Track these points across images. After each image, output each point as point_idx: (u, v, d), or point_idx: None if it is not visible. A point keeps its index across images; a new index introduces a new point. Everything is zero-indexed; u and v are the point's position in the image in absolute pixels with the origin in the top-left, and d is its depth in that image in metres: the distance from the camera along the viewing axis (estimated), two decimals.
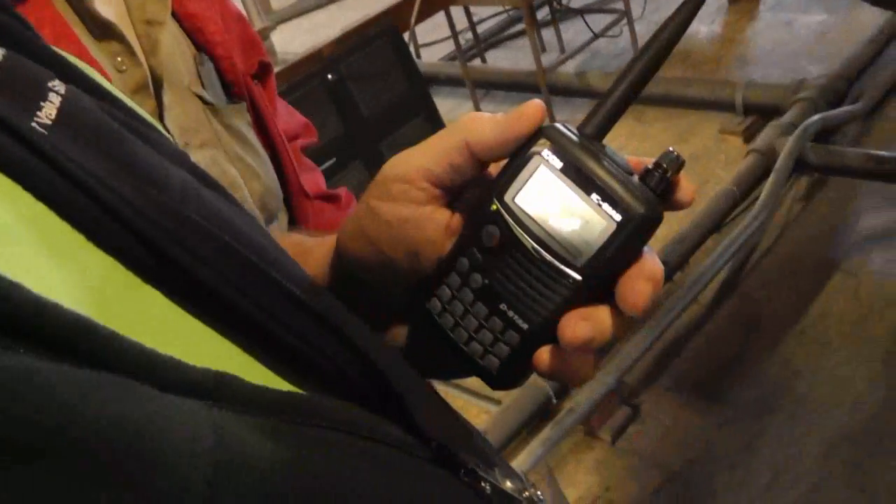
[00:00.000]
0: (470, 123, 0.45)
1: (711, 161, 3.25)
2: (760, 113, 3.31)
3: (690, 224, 2.70)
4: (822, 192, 2.90)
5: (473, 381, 1.80)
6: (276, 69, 2.63)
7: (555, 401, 2.28)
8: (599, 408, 2.28)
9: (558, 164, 0.43)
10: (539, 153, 0.43)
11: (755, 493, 2.04)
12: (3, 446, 0.22)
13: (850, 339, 2.36)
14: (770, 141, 2.96)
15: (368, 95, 2.87)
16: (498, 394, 2.36)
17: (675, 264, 2.61)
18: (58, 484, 0.23)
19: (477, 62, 4.44)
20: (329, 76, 2.76)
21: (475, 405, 2.44)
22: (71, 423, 0.23)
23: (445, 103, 3.95)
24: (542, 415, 2.29)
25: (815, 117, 2.96)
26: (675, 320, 2.46)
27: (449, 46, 4.49)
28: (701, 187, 3.01)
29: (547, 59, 3.95)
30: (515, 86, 4.09)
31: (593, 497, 2.16)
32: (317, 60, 2.74)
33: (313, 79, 2.72)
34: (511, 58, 4.54)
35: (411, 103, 3.02)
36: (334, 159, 2.70)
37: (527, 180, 0.43)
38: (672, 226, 2.74)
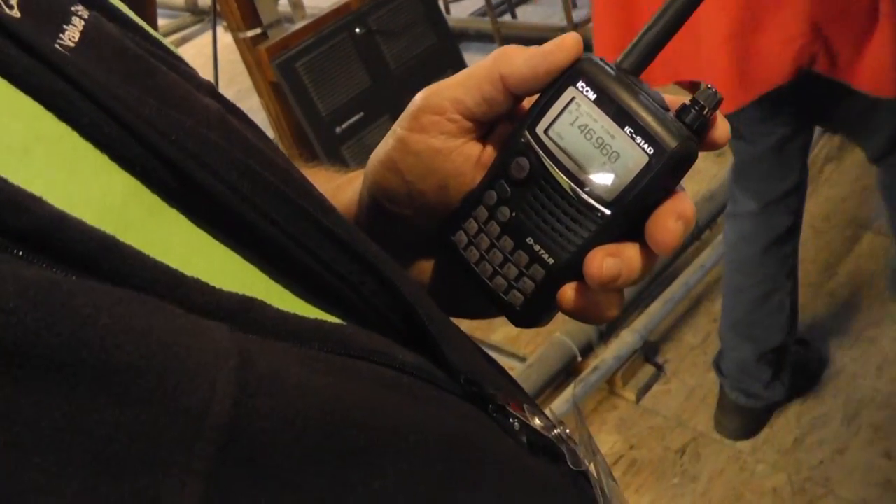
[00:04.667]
0: (505, 56, 0.44)
1: None
2: None
3: (720, 182, 2.67)
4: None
5: (498, 337, 1.81)
6: (304, 22, 2.63)
7: (579, 358, 2.28)
8: (624, 366, 2.28)
9: (592, 95, 0.42)
10: (573, 85, 0.42)
11: (779, 454, 2.03)
12: (22, 357, 0.22)
13: (878, 300, 2.33)
14: None
15: (397, 50, 2.85)
16: (522, 351, 2.37)
17: (703, 223, 2.58)
18: (77, 397, 0.23)
19: (507, 17, 4.39)
20: (357, 30, 2.74)
21: (499, 361, 2.44)
22: (92, 335, 0.23)
23: (475, 59, 3.90)
24: (566, 372, 2.29)
25: None
26: (702, 279, 2.44)
27: (479, 2, 4.45)
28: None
29: (578, 15, 3.90)
30: (545, 41, 4.03)
31: (617, 455, 2.16)
32: (345, 14, 2.72)
33: (341, 32, 2.70)
34: (542, 13, 4.49)
35: (440, 58, 2.99)
36: (362, 114, 2.69)
37: (559, 112, 0.43)
38: (701, 184, 2.71)
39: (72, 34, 0.34)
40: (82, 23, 0.35)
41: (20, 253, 0.24)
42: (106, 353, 0.23)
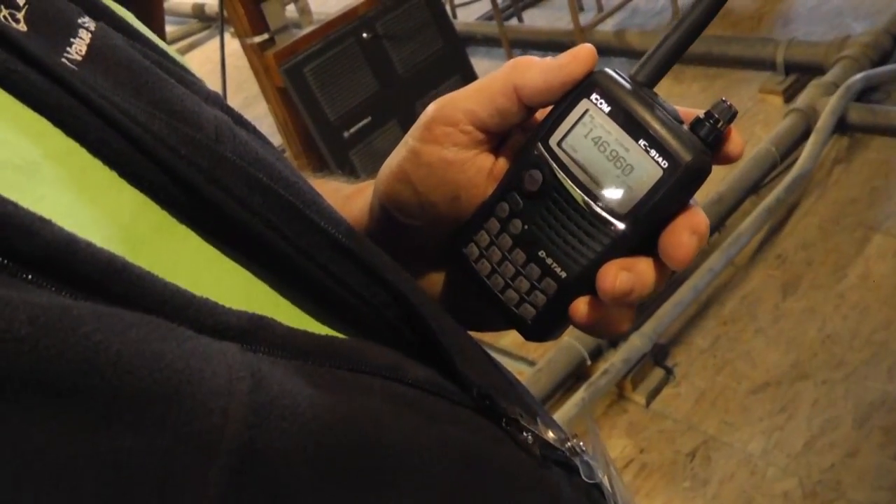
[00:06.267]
0: (518, 67, 0.43)
1: (751, 121, 3.20)
2: (802, 71, 3.24)
3: (728, 185, 2.66)
4: (864, 153, 2.85)
5: (507, 341, 1.81)
6: (311, 27, 2.63)
7: (589, 362, 2.27)
8: (633, 370, 2.27)
9: (606, 108, 0.41)
10: (587, 97, 0.42)
11: (790, 458, 2.02)
12: (33, 385, 0.21)
13: (888, 302, 2.32)
14: (811, 100, 2.91)
15: (404, 55, 2.85)
16: (532, 354, 2.36)
17: (712, 226, 2.58)
18: (88, 424, 0.22)
19: (514, 21, 4.39)
20: (364, 35, 2.74)
21: (509, 365, 2.42)
22: (103, 361, 0.23)
23: (482, 63, 3.91)
24: (576, 376, 2.28)
25: (859, 76, 2.89)
26: (712, 282, 2.44)
27: (486, 6, 4.44)
28: None
29: (585, 18, 3.89)
30: (553, 45, 4.04)
31: (627, 459, 2.16)
32: (352, 19, 2.72)
33: (348, 37, 2.70)
34: (548, 17, 4.48)
35: (447, 63, 2.99)
36: (369, 118, 2.69)
37: (573, 124, 0.42)
38: (709, 186, 2.70)
39: (79, 47, 0.34)
40: (89, 35, 0.35)
41: (30, 277, 0.24)
42: (118, 379, 0.23)
